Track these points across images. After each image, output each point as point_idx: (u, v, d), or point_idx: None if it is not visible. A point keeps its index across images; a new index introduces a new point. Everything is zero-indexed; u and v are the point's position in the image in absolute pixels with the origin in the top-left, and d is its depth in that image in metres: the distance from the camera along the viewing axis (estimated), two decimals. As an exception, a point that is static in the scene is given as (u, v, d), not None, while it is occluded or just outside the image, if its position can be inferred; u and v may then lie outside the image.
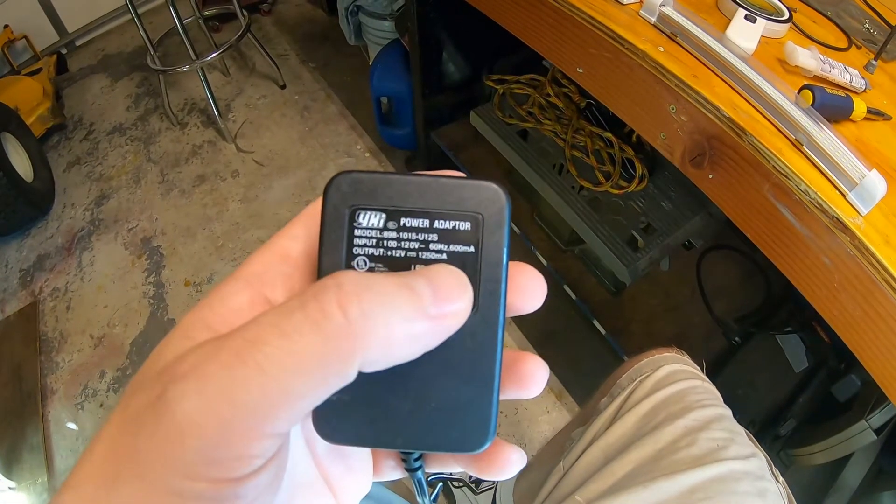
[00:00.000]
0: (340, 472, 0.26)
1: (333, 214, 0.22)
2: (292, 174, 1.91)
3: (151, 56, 1.87)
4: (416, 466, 0.26)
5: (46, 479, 1.29)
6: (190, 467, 0.17)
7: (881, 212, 0.55)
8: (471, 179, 0.22)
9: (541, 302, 0.24)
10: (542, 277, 0.24)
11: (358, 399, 0.22)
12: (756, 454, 0.57)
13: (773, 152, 0.57)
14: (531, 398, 0.24)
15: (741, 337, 1.23)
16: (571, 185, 1.20)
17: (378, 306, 0.18)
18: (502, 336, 0.22)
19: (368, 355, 0.18)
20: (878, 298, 0.53)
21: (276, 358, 0.17)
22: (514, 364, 0.24)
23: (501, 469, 0.25)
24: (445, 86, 1.52)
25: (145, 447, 0.17)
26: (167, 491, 0.17)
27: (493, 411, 0.22)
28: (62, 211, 1.88)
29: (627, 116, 0.74)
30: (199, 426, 0.17)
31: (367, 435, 0.22)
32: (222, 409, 0.17)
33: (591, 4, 0.72)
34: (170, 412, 0.17)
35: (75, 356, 1.53)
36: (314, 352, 0.17)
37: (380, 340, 0.18)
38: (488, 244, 0.22)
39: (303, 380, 0.17)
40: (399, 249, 0.22)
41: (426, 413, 0.22)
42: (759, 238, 0.64)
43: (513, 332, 1.49)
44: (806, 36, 0.76)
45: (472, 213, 0.22)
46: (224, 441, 0.17)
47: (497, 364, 0.22)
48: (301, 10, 2.58)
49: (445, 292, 0.20)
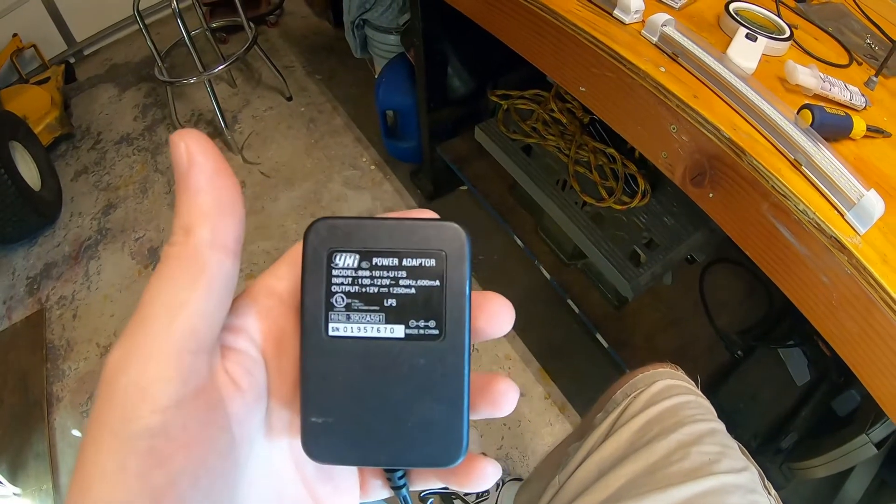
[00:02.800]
0: (328, 492, 0.28)
1: (313, 256, 0.24)
2: (298, 186, 1.92)
3: (159, 67, 1.89)
4: (401, 484, 0.28)
5: (51, 486, 1.29)
6: (131, 407, 0.19)
7: (879, 230, 0.56)
8: (434, 221, 0.25)
9: (508, 327, 0.26)
10: (510, 304, 0.26)
11: (341, 421, 0.24)
12: (748, 467, 0.58)
13: (773, 172, 0.58)
14: (505, 416, 0.26)
15: (743, 350, 1.24)
16: (574, 201, 1.21)
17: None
18: (468, 359, 0.24)
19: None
20: (875, 316, 0.54)
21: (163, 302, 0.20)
22: (487, 385, 0.26)
23: (477, 481, 0.27)
24: (450, 100, 1.54)
25: (101, 411, 0.19)
26: (111, 434, 0.19)
27: (464, 428, 0.24)
28: (69, 220, 1.89)
29: (629, 135, 0.75)
30: (121, 366, 0.19)
31: (351, 454, 0.25)
32: (138, 346, 0.20)
33: (593, 24, 0.73)
34: (104, 371, 0.20)
35: (81, 364, 1.54)
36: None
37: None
38: (452, 277, 0.24)
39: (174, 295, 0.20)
40: (372, 286, 0.24)
41: (404, 432, 0.24)
42: (758, 256, 0.64)
43: (517, 346, 1.49)
44: (807, 53, 0.77)
45: (436, 251, 0.24)
46: (143, 370, 0.19)
47: (465, 385, 0.24)
48: (307, 23, 2.60)
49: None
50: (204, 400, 0.21)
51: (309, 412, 0.24)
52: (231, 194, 0.22)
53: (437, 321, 0.24)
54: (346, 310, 0.24)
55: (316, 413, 0.24)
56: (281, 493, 0.26)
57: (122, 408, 0.19)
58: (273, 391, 0.25)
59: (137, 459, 0.19)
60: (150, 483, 0.19)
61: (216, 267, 0.21)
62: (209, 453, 0.21)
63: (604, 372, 1.38)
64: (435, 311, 0.24)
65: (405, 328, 0.24)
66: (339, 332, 0.24)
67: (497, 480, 0.28)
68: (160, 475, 0.19)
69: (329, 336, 0.24)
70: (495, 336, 0.25)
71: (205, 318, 0.21)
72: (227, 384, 0.22)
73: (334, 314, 0.24)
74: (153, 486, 0.19)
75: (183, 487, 0.19)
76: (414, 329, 0.24)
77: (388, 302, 0.24)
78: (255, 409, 0.24)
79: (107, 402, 0.19)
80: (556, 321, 1.49)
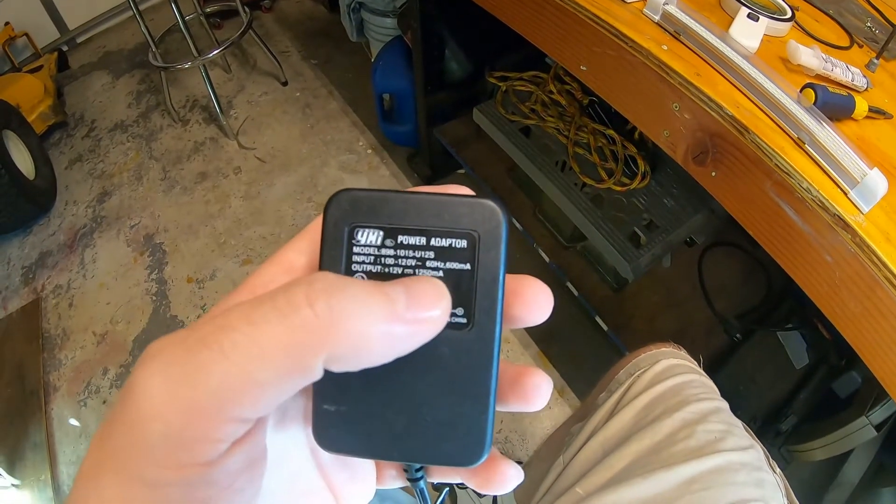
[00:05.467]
0: (344, 479, 0.27)
1: (333, 231, 0.22)
2: (294, 171, 1.91)
3: (153, 53, 1.87)
4: (418, 477, 0.26)
5: (49, 477, 1.29)
6: (157, 454, 0.17)
7: (882, 210, 0.56)
8: (468, 197, 0.23)
9: (547, 314, 0.24)
10: (548, 290, 0.24)
11: (356, 411, 0.23)
12: (753, 446, 0.58)
13: (776, 150, 0.58)
14: (536, 411, 0.25)
15: (742, 333, 1.24)
16: (574, 182, 1.20)
17: (348, 303, 0.18)
18: (498, 352, 0.22)
19: (335, 351, 0.18)
20: (878, 295, 0.54)
21: (240, 344, 0.17)
22: (519, 378, 0.24)
23: (499, 484, 0.25)
24: (448, 83, 1.53)
25: (118, 437, 0.18)
26: (140, 481, 0.17)
27: (488, 427, 0.23)
28: (64, 208, 1.88)
29: (631, 114, 0.75)
30: (161, 410, 0.17)
31: (364, 446, 0.23)
32: (184, 392, 0.17)
33: (594, 2, 0.72)
34: (135, 399, 0.17)
35: (78, 353, 1.54)
36: (278, 340, 0.17)
37: (348, 337, 0.18)
38: (485, 262, 0.22)
39: (265, 367, 0.17)
40: (396, 266, 0.22)
41: (422, 426, 0.23)
42: (760, 235, 0.64)
43: (515, 329, 1.48)
44: (808, 34, 0.77)
45: (468, 231, 0.22)
46: (187, 424, 0.17)
47: (493, 380, 0.22)
48: (302, 7, 2.58)
49: (421, 299, 0.20)
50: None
51: (321, 399, 0.23)
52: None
53: (466, 309, 0.22)
54: None
55: (329, 401, 0.23)
56: (296, 480, 0.25)
57: (157, 453, 0.17)
58: None
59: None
60: None
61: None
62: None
63: (603, 355, 1.38)
64: (464, 297, 0.22)
65: None
66: None
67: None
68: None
69: None
70: (532, 324, 0.24)
71: (279, 398, 0.19)
72: None
73: None
74: None
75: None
76: None
77: None
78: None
79: (135, 438, 0.18)
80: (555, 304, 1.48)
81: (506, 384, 0.24)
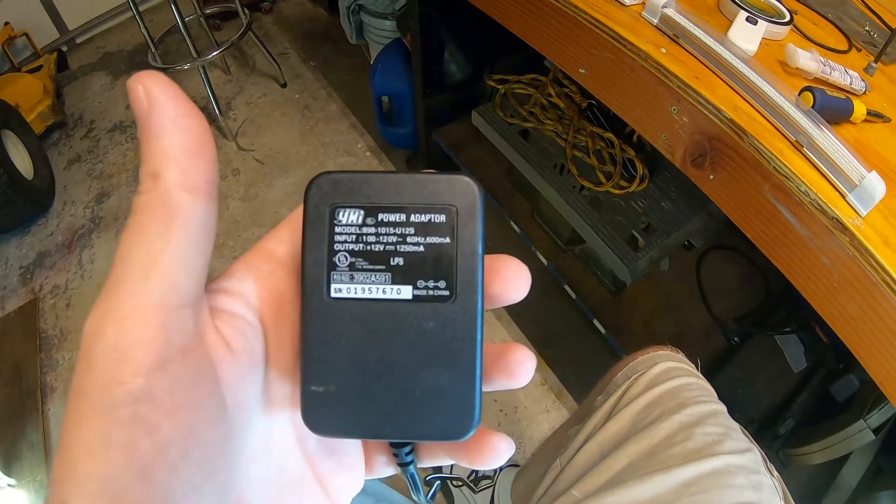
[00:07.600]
0: (331, 468, 0.26)
1: (315, 213, 0.23)
2: (293, 173, 1.91)
3: (152, 54, 1.87)
4: (408, 461, 0.26)
5: (46, 477, 1.29)
6: (102, 375, 0.18)
7: (880, 213, 0.56)
8: (443, 174, 0.23)
9: (525, 292, 0.24)
10: (526, 268, 0.24)
11: (344, 390, 0.23)
12: (751, 449, 0.58)
13: (774, 153, 0.58)
14: (521, 388, 0.25)
15: (740, 337, 1.24)
16: (572, 185, 1.20)
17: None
18: (481, 324, 0.23)
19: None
20: (876, 298, 0.54)
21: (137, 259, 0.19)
22: (503, 354, 0.24)
23: (490, 457, 0.25)
24: (447, 85, 1.53)
25: (81, 380, 0.18)
26: (93, 410, 0.18)
27: (476, 398, 0.23)
28: (62, 208, 1.88)
29: (629, 117, 0.75)
30: (101, 326, 0.18)
31: (354, 426, 0.23)
32: (112, 304, 0.18)
33: (593, 5, 0.72)
34: (83, 339, 0.18)
35: (76, 353, 1.50)
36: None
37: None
38: (463, 235, 0.23)
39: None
40: (378, 244, 0.23)
41: (411, 402, 0.23)
42: (758, 238, 0.64)
43: (512, 330, 1.49)
44: (807, 38, 0.77)
45: (446, 206, 0.23)
46: (122, 330, 0.18)
47: (478, 351, 0.23)
48: (302, 9, 2.58)
49: None
50: (191, 360, 0.19)
51: (309, 380, 0.23)
52: (199, 133, 0.20)
53: (448, 281, 0.22)
54: (349, 269, 0.23)
55: (316, 381, 0.23)
56: (282, 469, 0.25)
57: (102, 374, 0.18)
58: (272, 360, 0.24)
59: (121, 430, 0.17)
60: (136, 454, 0.17)
61: (189, 210, 0.19)
62: (199, 421, 0.19)
63: (600, 358, 1.38)
64: (445, 270, 0.22)
65: (413, 289, 0.23)
66: (341, 294, 0.23)
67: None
68: (147, 445, 0.18)
69: (331, 298, 0.23)
70: (510, 302, 0.24)
71: (184, 268, 0.19)
72: (217, 345, 0.21)
73: (337, 274, 0.23)
74: (140, 458, 0.17)
75: (173, 458, 0.18)
76: (422, 290, 0.23)
77: (395, 261, 0.23)
78: (250, 376, 0.23)
79: (86, 371, 0.18)
80: (552, 307, 1.49)
81: (490, 361, 0.24)
